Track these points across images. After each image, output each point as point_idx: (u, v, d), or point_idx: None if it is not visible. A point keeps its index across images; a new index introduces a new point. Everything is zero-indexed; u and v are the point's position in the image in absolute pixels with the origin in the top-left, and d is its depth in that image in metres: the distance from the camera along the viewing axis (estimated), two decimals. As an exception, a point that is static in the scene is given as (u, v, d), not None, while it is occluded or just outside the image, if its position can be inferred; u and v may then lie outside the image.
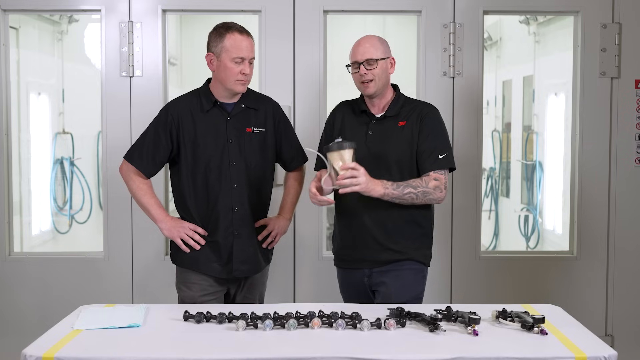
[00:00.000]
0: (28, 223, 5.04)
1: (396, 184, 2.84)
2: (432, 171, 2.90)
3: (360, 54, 2.94)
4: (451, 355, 2.16)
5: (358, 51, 2.95)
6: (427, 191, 2.87)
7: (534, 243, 5.62)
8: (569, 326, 2.49)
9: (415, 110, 3.00)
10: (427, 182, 2.88)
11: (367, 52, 2.94)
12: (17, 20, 4.66)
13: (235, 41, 2.97)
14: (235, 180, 3.04)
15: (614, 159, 4.02)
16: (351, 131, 3.02)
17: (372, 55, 2.93)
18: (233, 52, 2.96)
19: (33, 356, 2.18)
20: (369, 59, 2.93)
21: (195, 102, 3.08)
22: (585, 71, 4.00)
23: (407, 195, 2.84)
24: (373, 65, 2.93)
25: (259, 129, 3.10)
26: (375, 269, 2.98)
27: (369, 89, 2.95)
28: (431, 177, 2.89)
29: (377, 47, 2.96)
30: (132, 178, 3.09)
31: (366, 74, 2.92)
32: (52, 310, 3.77)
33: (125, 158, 3.11)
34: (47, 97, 5.37)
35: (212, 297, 3.07)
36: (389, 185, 2.82)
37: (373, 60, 2.93)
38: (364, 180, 2.74)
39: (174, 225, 3.06)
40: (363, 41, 2.98)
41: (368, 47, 2.95)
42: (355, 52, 2.97)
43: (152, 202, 3.09)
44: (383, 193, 2.81)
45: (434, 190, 2.88)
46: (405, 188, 2.84)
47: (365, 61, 2.92)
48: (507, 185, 6.19)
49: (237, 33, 2.99)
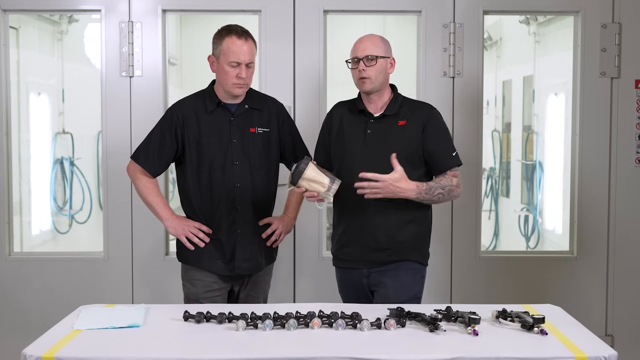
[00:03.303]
0: (28, 223, 5.04)
1: (428, 185, 2.88)
2: (450, 170, 2.95)
3: (360, 50, 2.96)
4: (451, 355, 2.16)
5: (359, 47, 2.97)
6: (452, 189, 2.93)
7: (534, 243, 5.62)
8: (569, 326, 2.49)
9: (416, 110, 3.01)
10: (451, 180, 2.94)
11: (367, 48, 2.95)
12: (17, 20, 4.66)
13: (232, 45, 2.99)
14: (238, 180, 3.08)
15: (614, 159, 4.02)
16: (350, 130, 3.02)
17: (372, 52, 2.94)
18: (229, 56, 2.99)
19: (33, 356, 2.18)
20: (368, 55, 2.94)
21: (200, 103, 3.11)
22: (585, 71, 4.00)
23: (436, 195, 2.90)
24: (372, 61, 2.94)
25: (262, 129, 3.12)
26: (374, 269, 2.99)
27: (366, 85, 2.96)
28: (451, 175, 2.95)
29: (378, 45, 2.97)
30: (138, 177, 3.15)
31: (364, 70, 2.93)
32: (52, 310, 3.77)
33: (132, 158, 3.16)
34: (47, 97, 5.38)
35: (216, 293, 3.11)
36: (423, 189, 2.86)
37: (373, 56, 2.94)
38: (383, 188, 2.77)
39: (179, 223, 3.10)
40: (365, 38, 3.00)
41: (369, 44, 2.96)
42: (355, 48, 2.98)
43: (158, 200, 3.15)
44: (416, 197, 2.85)
45: (456, 188, 2.95)
46: (436, 189, 2.89)
47: (365, 57, 2.93)
48: (507, 185, 6.20)
49: (236, 37, 3.00)
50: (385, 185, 2.78)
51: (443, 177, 2.94)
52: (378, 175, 2.77)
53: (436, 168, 2.97)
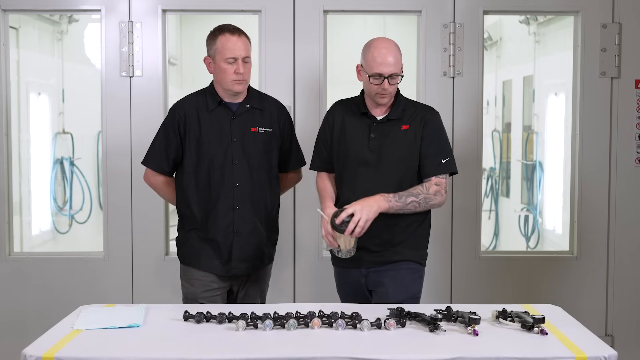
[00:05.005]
0: (28, 223, 5.04)
1: (397, 194, 2.83)
2: (434, 176, 2.91)
3: (386, 68, 2.86)
4: (451, 355, 2.16)
5: (384, 63, 2.86)
6: (428, 197, 2.87)
7: (534, 243, 5.62)
8: (569, 326, 2.49)
9: (418, 114, 2.98)
10: (427, 188, 2.88)
11: (392, 65, 2.87)
12: (17, 20, 4.66)
13: (226, 42, 3.00)
14: (238, 179, 3.07)
15: (614, 159, 4.02)
16: (353, 133, 3.01)
17: (397, 71, 2.89)
18: (225, 53, 2.99)
19: (33, 356, 2.18)
20: (393, 73, 2.88)
21: (201, 101, 3.11)
22: (585, 71, 4.00)
23: (410, 204, 2.84)
24: (396, 79, 2.90)
25: (264, 129, 3.12)
26: (372, 269, 2.98)
27: (385, 100, 2.93)
28: (432, 182, 2.90)
29: (399, 60, 2.90)
30: (155, 184, 3.19)
31: (388, 88, 2.88)
32: (52, 310, 3.77)
33: (143, 164, 3.19)
34: (47, 97, 5.37)
35: (214, 293, 3.11)
36: (391, 197, 2.82)
37: (397, 75, 2.89)
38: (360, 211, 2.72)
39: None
40: (388, 53, 2.88)
41: (394, 62, 2.87)
42: (380, 64, 2.86)
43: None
44: (388, 207, 2.80)
45: (434, 196, 2.88)
46: (407, 197, 2.84)
47: (390, 76, 2.87)
48: (507, 185, 6.19)
49: (229, 33, 3.01)
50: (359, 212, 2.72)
51: (420, 185, 2.89)
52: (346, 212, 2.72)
53: (423, 173, 2.94)
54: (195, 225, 3.12)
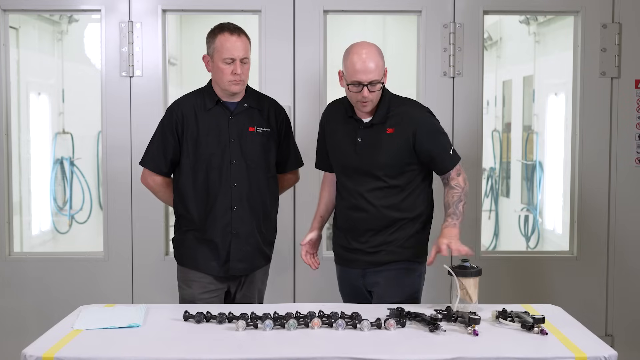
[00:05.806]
0: (28, 223, 5.04)
1: (451, 215, 2.88)
2: (452, 169, 2.93)
3: (364, 75, 2.76)
4: (451, 355, 2.16)
5: (363, 70, 2.76)
6: (464, 189, 2.92)
7: (534, 243, 5.62)
8: (569, 326, 2.49)
9: (403, 117, 2.88)
10: (459, 183, 2.92)
11: (371, 72, 2.76)
12: (17, 20, 4.66)
13: (225, 41, 2.98)
14: (235, 179, 3.06)
15: (614, 159, 4.02)
16: (341, 137, 2.97)
17: (376, 77, 2.77)
18: (223, 53, 2.98)
19: (33, 356, 2.18)
20: (373, 80, 2.78)
21: (199, 101, 3.10)
22: (585, 71, 4.00)
23: (463, 209, 2.90)
24: (376, 86, 2.81)
25: (262, 128, 3.11)
26: (369, 270, 2.97)
27: (367, 108, 2.86)
28: (454, 174, 2.93)
29: (379, 65, 2.79)
30: (152, 184, 3.16)
31: (368, 96, 2.80)
32: (52, 310, 3.77)
33: (140, 164, 3.16)
34: (47, 97, 5.37)
35: (212, 294, 3.09)
36: (456, 219, 2.87)
37: (377, 82, 2.80)
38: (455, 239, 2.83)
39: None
40: (367, 58, 2.77)
41: (373, 68, 2.76)
42: (358, 72, 2.77)
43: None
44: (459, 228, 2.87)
45: (465, 185, 2.93)
46: (458, 206, 2.89)
47: (369, 83, 2.77)
48: (507, 185, 6.20)
49: (228, 33, 2.99)
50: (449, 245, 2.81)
51: (450, 188, 2.91)
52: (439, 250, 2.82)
53: (438, 171, 2.95)
54: (193, 226, 3.10)
